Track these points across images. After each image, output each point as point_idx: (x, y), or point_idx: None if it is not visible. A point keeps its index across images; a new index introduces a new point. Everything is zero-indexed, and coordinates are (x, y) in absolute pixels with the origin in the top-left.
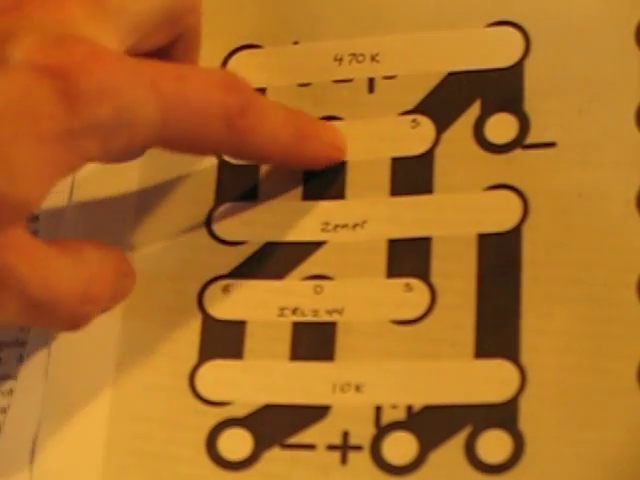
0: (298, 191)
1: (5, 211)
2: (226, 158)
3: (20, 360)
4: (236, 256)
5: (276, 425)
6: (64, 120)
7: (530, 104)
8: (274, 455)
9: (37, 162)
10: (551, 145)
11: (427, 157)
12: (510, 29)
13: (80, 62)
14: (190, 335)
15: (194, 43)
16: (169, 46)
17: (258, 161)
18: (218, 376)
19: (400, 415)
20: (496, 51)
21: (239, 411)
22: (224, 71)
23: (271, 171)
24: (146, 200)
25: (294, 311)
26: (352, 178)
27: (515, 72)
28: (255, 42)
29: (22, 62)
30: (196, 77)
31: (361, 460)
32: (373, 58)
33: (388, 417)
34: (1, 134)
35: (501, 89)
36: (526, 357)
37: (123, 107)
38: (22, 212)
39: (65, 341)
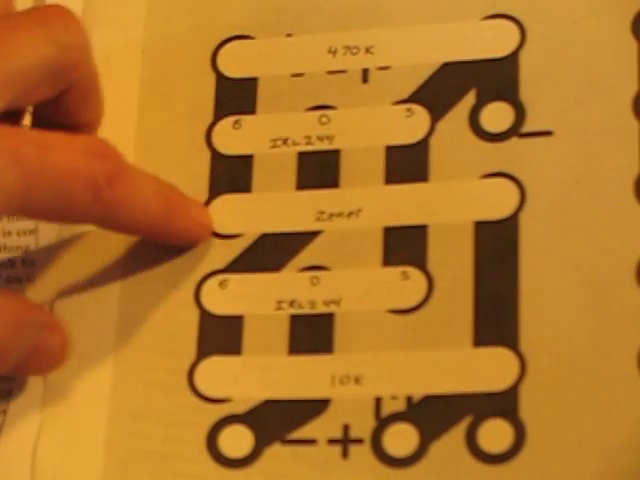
0: (292, 181)
1: None
2: (219, 150)
3: None
4: (232, 249)
5: (276, 421)
6: None
7: (526, 93)
8: (275, 451)
9: None
10: (548, 134)
11: (422, 145)
12: (505, 21)
13: None
14: (188, 332)
15: (87, 94)
16: (59, 98)
17: (126, 232)
18: (217, 373)
19: (400, 406)
20: (491, 42)
21: (239, 408)
22: (93, 138)
23: (265, 161)
24: None
25: (291, 304)
26: (346, 167)
27: (510, 62)
28: (247, 33)
29: None
30: (61, 145)
31: (362, 453)
32: (367, 50)
33: (388, 408)
34: None
35: (496, 79)
36: (525, 345)
37: None
38: None
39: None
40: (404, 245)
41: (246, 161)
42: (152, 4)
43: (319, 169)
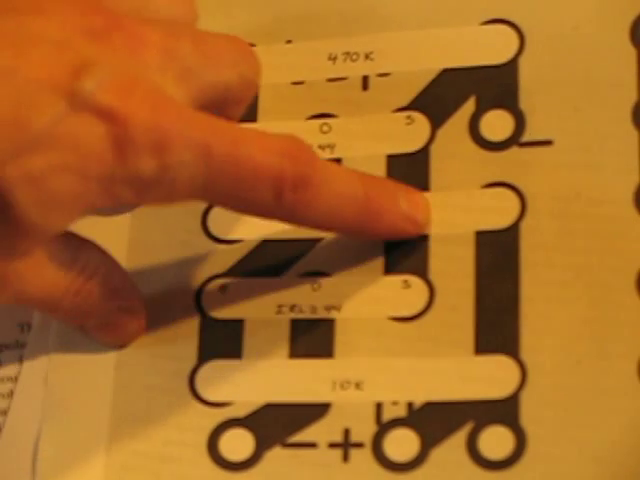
0: None
1: (28, 236)
2: None
3: (20, 362)
4: (233, 254)
5: (277, 424)
6: (110, 165)
7: (525, 101)
8: (276, 455)
9: (72, 197)
10: (548, 143)
11: (422, 154)
12: (504, 27)
13: (141, 112)
14: (189, 336)
15: (239, 111)
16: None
17: (320, 230)
18: (218, 377)
19: (401, 412)
20: (490, 48)
21: (240, 411)
22: (290, 137)
23: None
24: None
25: (292, 308)
26: None
27: (509, 69)
28: (247, 41)
29: (89, 98)
30: (254, 142)
31: (363, 457)
32: (367, 56)
33: (389, 414)
34: (49, 161)
35: (496, 86)
36: (526, 353)
37: (169, 165)
38: (42, 237)
39: (65, 343)
40: (405, 254)
41: None
42: None
43: None
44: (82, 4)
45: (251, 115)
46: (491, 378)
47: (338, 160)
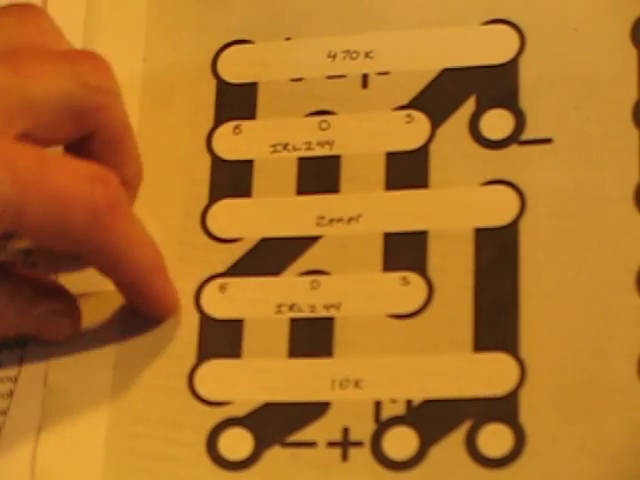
0: (292, 186)
1: None
2: (220, 155)
3: (20, 362)
4: (232, 253)
5: (276, 423)
6: None
7: (525, 100)
8: (275, 454)
9: None
10: (547, 141)
11: (422, 152)
12: (505, 27)
13: None
14: (188, 335)
15: (116, 144)
16: (87, 144)
17: (110, 275)
18: (217, 376)
19: (400, 410)
20: (491, 48)
21: (239, 410)
22: (98, 166)
23: (265, 166)
24: (140, 199)
25: (291, 307)
26: (346, 173)
27: (510, 69)
28: (247, 37)
29: None
30: (62, 164)
31: (362, 456)
32: (367, 55)
33: (388, 412)
34: None
35: (496, 85)
36: (525, 351)
37: None
38: None
39: (64, 343)
40: (404, 251)
41: (246, 166)
42: (153, 11)
43: (319, 175)
44: None
45: (250, 112)
46: (490, 376)
47: (337, 157)
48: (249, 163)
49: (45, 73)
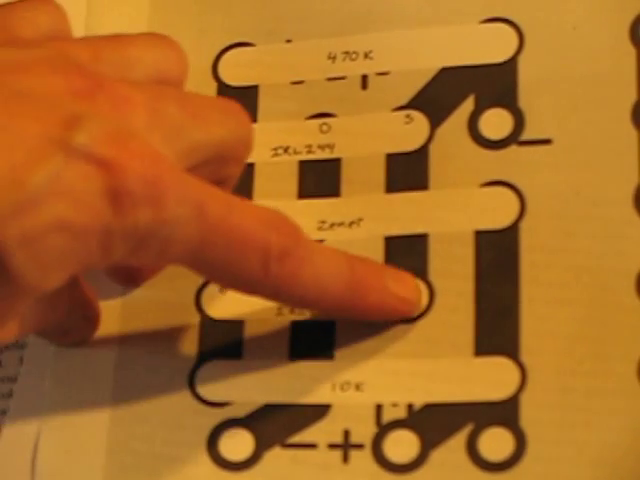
0: (293, 190)
1: (25, 294)
2: None
3: (20, 362)
4: None
5: (277, 425)
6: (106, 218)
7: (524, 100)
8: (275, 455)
9: (69, 255)
10: (547, 142)
11: (421, 153)
12: (503, 26)
13: (136, 163)
14: (189, 336)
15: (236, 170)
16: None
17: (307, 309)
18: (218, 377)
19: (401, 413)
20: (489, 47)
21: (239, 411)
22: (276, 211)
23: (266, 170)
24: None
25: (292, 309)
26: (347, 175)
27: (509, 68)
28: (247, 40)
29: (84, 148)
30: (245, 209)
31: (362, 459)
32: (366, 55)
33: (389, 415)
34: (46, 219)
35: (495, 85)
36: (526, 355)
37: (164, 221)
38: (32, 294)
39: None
40: (405, 254)
41: (247, 169)
42: (153, 13)
43: (320, 178)
44: (64, 66)
45: (251, 115)
46: (491, 379)
47: (337, 160)
48: (250, 166)
49: (210, 119)
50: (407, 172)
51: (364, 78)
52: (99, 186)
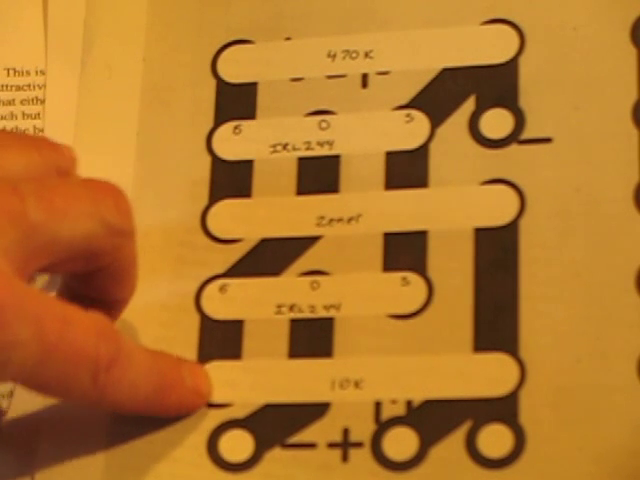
0: (292, 186)
1: None
2: (220, 155)
3: None
4: (232, 254)
5: (276, 425)
6: None
7: (525, 100)
8: (275, 455)
9: None
10: (547, 141)
11: (422, 151)
12: (505, 27)
13: None
14: (188, 336)
15: (121, 276)
16: (92, 275)
17: (119, 411)
18: (217, 377)
19: (400, 410)
20: (491, 48)
21: (239, 412)
22: (100, 316)
23: (265, 166)
24: (140, 200)
25: (291, 308)
26: (346, 172)
27: (510, 69)
28: (246, 37)
29: None
30: (78, 321)
31: (362, 457)
32: (367, 55)
33: (388, 412)
34: None
35: (496, 85)
36: (525, 351)
37: (4, 344)
38: None
39: None
40: (404, 251)
41: (246, 166)
42: (153, 11)
43: (319, 174)
44: None
45: (250, 112)
46: (490, 376)
47: (336, 157)
48: (249, 163)
49: (74, 213)
50: (407, 170)
51: (364, 77)
52: None
